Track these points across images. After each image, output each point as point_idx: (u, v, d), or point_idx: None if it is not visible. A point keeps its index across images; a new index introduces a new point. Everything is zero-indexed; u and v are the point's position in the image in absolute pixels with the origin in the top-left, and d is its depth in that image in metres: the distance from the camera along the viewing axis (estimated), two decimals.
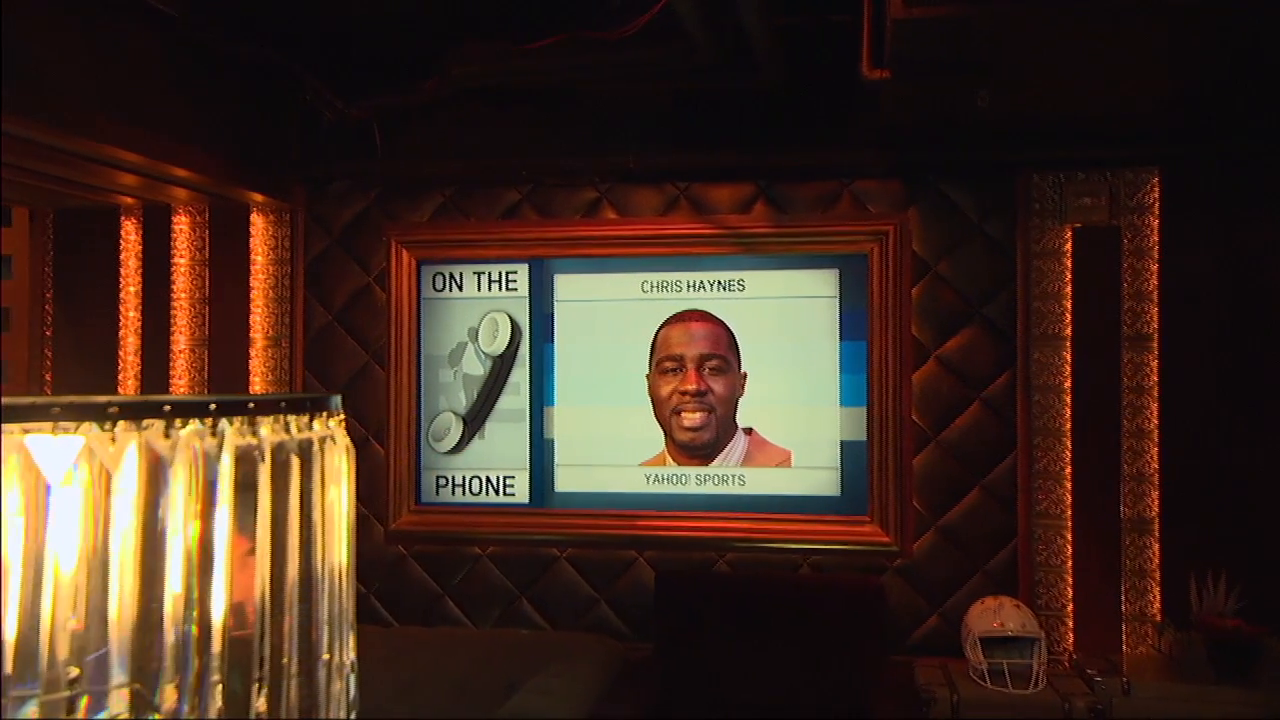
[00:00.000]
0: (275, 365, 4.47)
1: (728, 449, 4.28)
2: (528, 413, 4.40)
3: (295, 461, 1.10)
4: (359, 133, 4.31)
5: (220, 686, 1.04)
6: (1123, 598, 4.01)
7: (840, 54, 3.57)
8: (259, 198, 4.34)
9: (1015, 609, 3.85)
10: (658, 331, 4.34)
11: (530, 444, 4.40)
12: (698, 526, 4.27)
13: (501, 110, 4.28)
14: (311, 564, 1.12)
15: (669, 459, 4.32)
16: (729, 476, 4.28)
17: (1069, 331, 4.07)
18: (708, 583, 4.21)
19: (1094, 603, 4.01)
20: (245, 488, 1.06)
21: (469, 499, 4.43)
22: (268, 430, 1.08)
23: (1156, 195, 4.04)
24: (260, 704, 1.06)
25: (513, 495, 4.41)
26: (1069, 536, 4.05)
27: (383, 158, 4.35)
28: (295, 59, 4.05)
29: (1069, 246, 4.07)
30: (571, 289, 4.39)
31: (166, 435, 1.01)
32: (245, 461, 1.06)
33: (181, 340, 4.46)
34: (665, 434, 4.33)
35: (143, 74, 3.59)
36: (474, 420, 4.44)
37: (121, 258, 4.49)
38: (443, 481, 4.46)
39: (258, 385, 4.46)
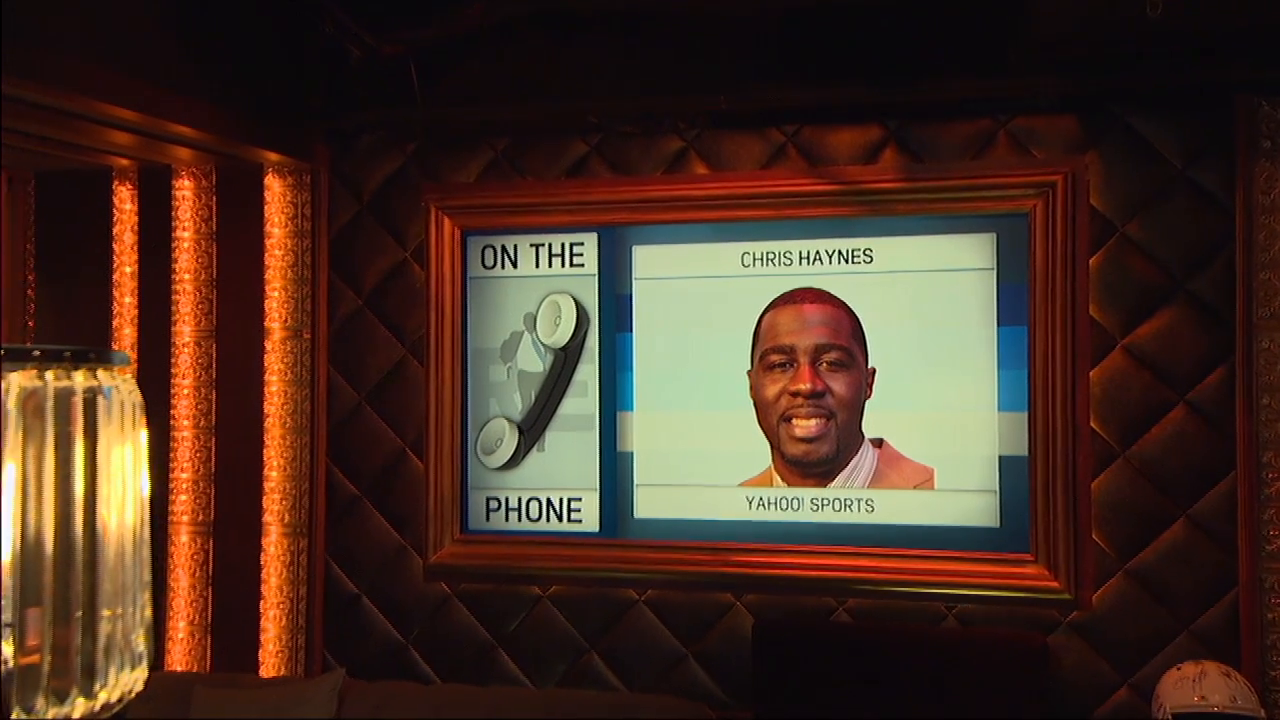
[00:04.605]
0: (295, 361, 4.01)
1: (851, 466, 3.83)
2: (597, 420, 3.99)
3: (50, 408, 1.14)
4: (392, 74, 3.83)
5: None
6: None
7: None
8: (274, 156, 3.94)
9: (1223, 678, 3.29)
10: (762, 316, 3.89)
11: (601, 459, 3.99)
12: (812, 564, 3.83)
13: (563, 42, 3.80)
14: (71, 517, 1.16)
15: (776, 478, 3.89)
16: (853, 501, 3.83)
17: None
18: (823, 636, 3.83)
19: None
20: None
21: (526, 526, 4.04)
22: (19, 376, 1.13)
23: None
24: (6, 651, 1.12)
25: (580, 522, 4.01)
26: None
27: (421, 104, 3.87)
28: None
29: None
30: (652, 264, 3.96)
31: None
32: None
33: (185, 332, 4.02)
34: (772, 446, 3.89)
35: (134, 12, 3.30)
36: (532, 429, 4.04)
37: (115, 232, 4.08)
38: (494, 504, 4.06)
39: (275, 386, 3.99)
